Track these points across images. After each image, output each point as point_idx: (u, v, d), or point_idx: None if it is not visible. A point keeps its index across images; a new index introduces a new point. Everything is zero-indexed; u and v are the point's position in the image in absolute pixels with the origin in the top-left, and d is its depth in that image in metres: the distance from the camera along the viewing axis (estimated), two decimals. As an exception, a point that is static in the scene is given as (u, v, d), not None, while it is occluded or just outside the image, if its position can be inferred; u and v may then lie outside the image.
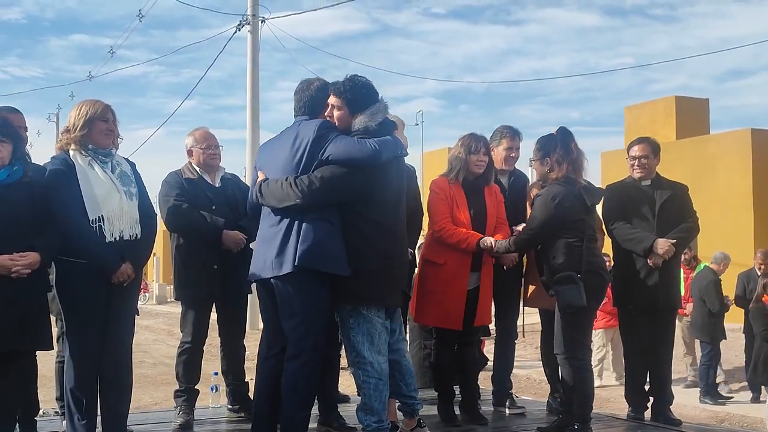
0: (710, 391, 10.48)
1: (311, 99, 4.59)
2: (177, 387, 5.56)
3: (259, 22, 18.23)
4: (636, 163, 5.93)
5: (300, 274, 4.28)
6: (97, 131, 4.57)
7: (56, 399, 5.51)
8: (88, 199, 4.44)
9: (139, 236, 4.60)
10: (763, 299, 9.20)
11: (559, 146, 5.19)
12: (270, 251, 4.38)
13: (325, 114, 4.51)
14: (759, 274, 10.36)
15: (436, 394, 5.62)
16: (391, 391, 4.57)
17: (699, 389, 10.66)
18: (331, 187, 4.29)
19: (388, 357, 4.51)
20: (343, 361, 5.02)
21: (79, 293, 4.48)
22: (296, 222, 4.33)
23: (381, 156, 4.34)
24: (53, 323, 4.87)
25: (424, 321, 5.59)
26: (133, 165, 4.81)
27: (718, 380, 11.08)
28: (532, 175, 7.44)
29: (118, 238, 4.49)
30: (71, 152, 4.54)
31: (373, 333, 4.42)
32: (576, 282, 4.95)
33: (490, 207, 5.39)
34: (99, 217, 4.45)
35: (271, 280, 4.37)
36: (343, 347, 5.56)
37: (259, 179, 4.55)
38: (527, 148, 5.49)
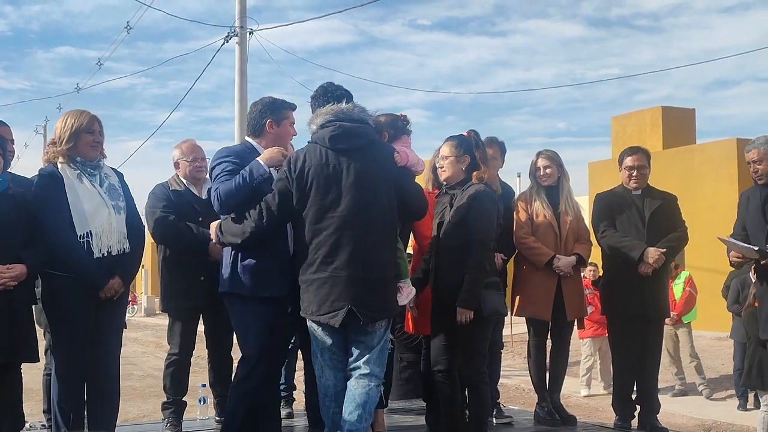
0: None
1: (251, 119, 4.70)
2: (165, 399, 5.55)
3: (247, 33, 18.23)
4: (634, 173, 5.95)
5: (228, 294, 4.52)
6: (84, 144, 4.56)
7: (43, 412, 5.50)
8: (76, 213, 4.44)
9: (127, 251, 4.60)
10: (755, 304, 9.23)
11: (481, 146, 5.05)
12: None
13: None
14: (753, 280, 10.40)
15: (424, 404, 5.63)
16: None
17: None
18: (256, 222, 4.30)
19: (339, 375, 4.29)
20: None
21: (66, 307, 4.48)
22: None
23: (224, 208, 4.35)
24: (42, 335, 4.87)
25: (428, 330, 5.23)
26: (120, 176, 4.81)
27: (700, 389, 11.12)
28: (519, 187, 7.49)
29: (105, 254, 4.49)
30: (59, 165, 4.54)
31: (316, 347, 4.30)
32: (500, 289, 4.85)
33: None
34: (87, 232, 4.45)
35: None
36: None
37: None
38: (517, 160, 5.44)
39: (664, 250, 5.74)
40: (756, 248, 5.25)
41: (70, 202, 4.44)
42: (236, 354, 5.77)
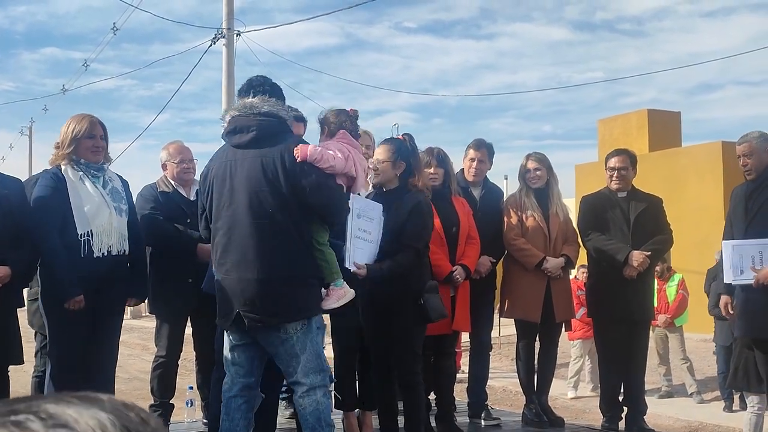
0: None
1: None
2: (152, 402, 5.53)
3: (234, 35, 18.20)
4: (615, 175, 5.97)
5: None
6: (84, 148, 4.59)
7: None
8: (78, 213, 4.46)
9: (126, 252, 4.61)
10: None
11: (418, 153, 5.07)
12: None
13: None
14: None
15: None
16: None
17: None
18: None
19: (236, 381, 4.13)
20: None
21: (64, 307, 4.45)
22: None
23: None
24: (32, 337, 4.85)
25: None
26: (126, 183, 4.85)
27: (690, 391, 11.15)
28: (507, 189, 7.50)
29: (105, 254, 4.49)
30: (63, 167, 4.57)
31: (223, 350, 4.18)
32: (438, 292, 4.87)
33: (461, 216, 5.42)
34: (88, 231, 4.46)
35: None
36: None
37: None
38: (504, 162, 5.44)
39: (649, 253, 5.77)
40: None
41: (72, 202, 4.47)
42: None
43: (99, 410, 0.70)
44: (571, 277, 7.74)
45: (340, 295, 4.21)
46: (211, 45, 18.48)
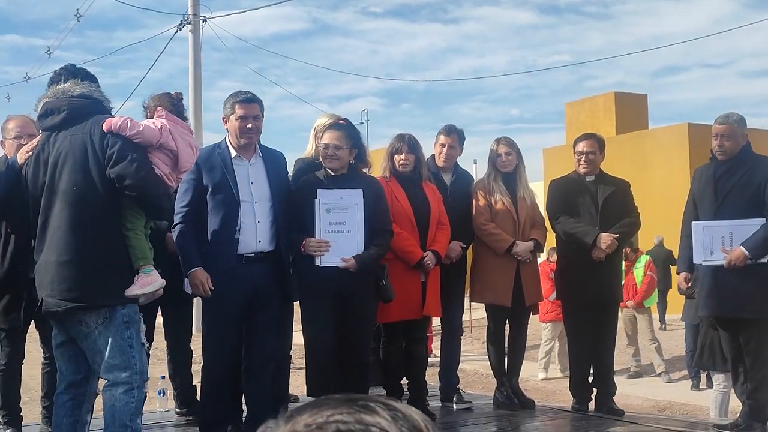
0: None
1: None
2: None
3: (200, 21, 18.04)
4: (583, 159, 5.99)
5: None
6: None
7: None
8: None
9: None
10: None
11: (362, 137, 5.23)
12: None
13: None
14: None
15: (384, 390, 5.66)
16: None
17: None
18: None
19: (63, 378, 3.99)
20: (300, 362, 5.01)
21: None
22: None
23: None
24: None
25: (387, 318, 5.35)
26: None
27: (658, 370, 11.31)
28: (476, 173, 7.53)
29: None
30: None
31: None
32: (387, 274, 5.07)
33: (432, 202, 5.44)
34: None
35: None
36: (291, 348, 5.60)
37: None
38: (473, 146, 5.47)
39: (617, 235, 5.80)
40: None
41: None
42: (195, 345, 5.75)
43: (416, 411, 0.91)
44: (542, 260, 7.80)
45: (145, 282, 3.99)
46: (177, 31, 18.31)
